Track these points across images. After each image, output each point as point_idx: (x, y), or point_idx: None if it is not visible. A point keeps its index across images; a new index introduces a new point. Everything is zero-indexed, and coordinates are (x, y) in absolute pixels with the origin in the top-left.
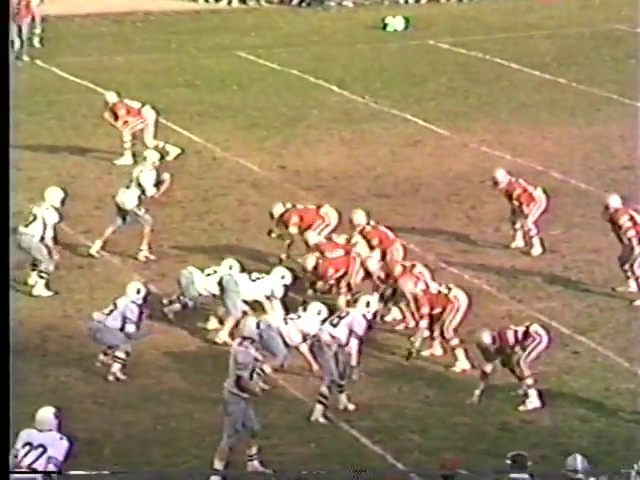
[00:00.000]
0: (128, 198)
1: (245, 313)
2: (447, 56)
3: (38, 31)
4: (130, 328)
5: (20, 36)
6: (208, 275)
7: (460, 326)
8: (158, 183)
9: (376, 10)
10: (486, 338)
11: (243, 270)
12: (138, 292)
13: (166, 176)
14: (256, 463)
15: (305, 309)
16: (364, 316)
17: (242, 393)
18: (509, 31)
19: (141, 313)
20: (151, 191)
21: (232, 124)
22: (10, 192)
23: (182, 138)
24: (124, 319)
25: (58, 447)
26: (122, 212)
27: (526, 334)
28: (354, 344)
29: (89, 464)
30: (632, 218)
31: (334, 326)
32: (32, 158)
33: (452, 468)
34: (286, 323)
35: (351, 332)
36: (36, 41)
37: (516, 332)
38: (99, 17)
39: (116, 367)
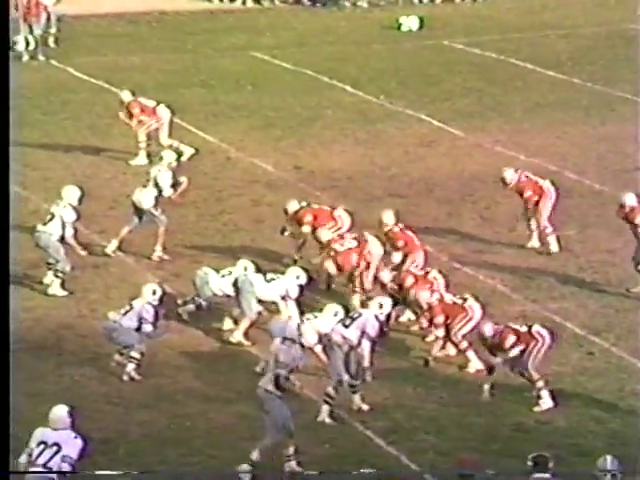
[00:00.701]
0: (145, 197)
1: (260, 314)
2: (462, 56)
3: (53, 31)
4: (147, 328)
5: (33, 35)
6: (223, 276)
7: (470, 333)
8: (175, 184)
9: (391, 10)
10: (487, 329)
11: (258, 271)
12: (154, 293)
13: (183, 178)
14: (293, 463)
15: (321, 310)
16: (377, 317)
17: (277, 391)
18: (524, 31)
19: (157, 314)
20: (168, 192)
21: (247, 124)
22: (25, 191)
23: (197, 138)
24: (140, 319)
25: (72, 446)
26: (138, 211)
27: (527, 337)
28: (366, 346)
29: (104, 464)
30: None
31: (346, 327)
32: (47, 157)
33: (471, 468)
34: (302, 323)
35: (363, 333)
36: (51, 41)
37: (517, 337)
38: (114, 17)
39: (131, 367)
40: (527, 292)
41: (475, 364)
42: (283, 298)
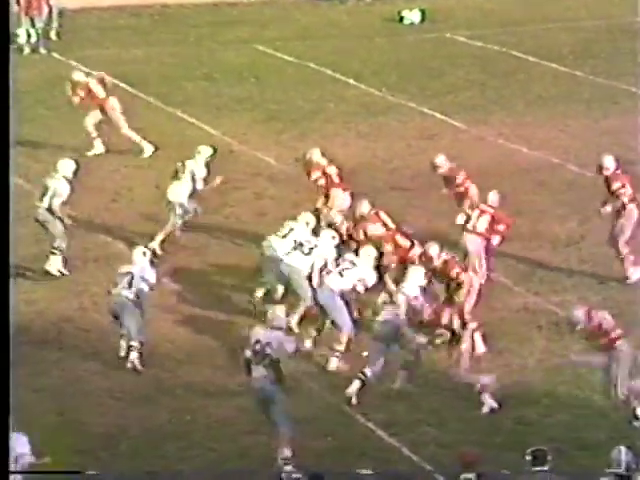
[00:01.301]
0: (179, 190)
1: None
2: (464, 49)
3: (55, 24)
4: (144, 286)
5: (34, 28)
6: (284, 236)
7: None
8: (205, 180)
9: (393, 3)
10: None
11: (318, 223)
12: (144, 255)
13: (218, 179)
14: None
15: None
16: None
17: (274, 377)
18: (526, 24)
19: (157, 273)
20: (200, 185)
21: (249, 117)
22: (29, 185)
23: (200, 131)
24: (142, 281)
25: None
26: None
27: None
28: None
29: (105, 459)
30: (624, 186)
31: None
32: (50, 151)
33: (471, 461)
34: (342, 276)
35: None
36: (53, 34)
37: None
38: (117, 10)
39: (134, 356)
40: (529, 285)
41: (480, 347)
42: (326, 264)
